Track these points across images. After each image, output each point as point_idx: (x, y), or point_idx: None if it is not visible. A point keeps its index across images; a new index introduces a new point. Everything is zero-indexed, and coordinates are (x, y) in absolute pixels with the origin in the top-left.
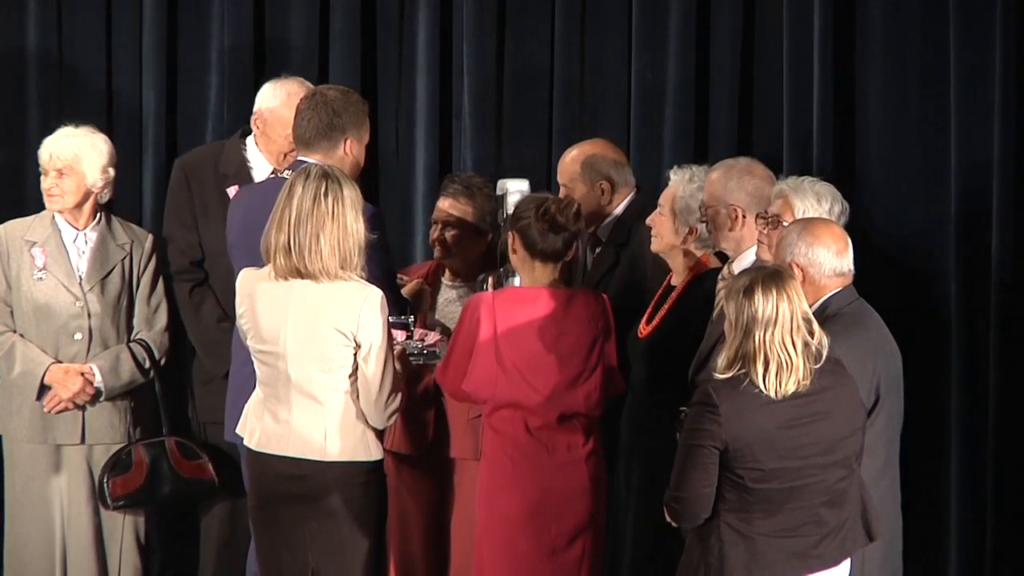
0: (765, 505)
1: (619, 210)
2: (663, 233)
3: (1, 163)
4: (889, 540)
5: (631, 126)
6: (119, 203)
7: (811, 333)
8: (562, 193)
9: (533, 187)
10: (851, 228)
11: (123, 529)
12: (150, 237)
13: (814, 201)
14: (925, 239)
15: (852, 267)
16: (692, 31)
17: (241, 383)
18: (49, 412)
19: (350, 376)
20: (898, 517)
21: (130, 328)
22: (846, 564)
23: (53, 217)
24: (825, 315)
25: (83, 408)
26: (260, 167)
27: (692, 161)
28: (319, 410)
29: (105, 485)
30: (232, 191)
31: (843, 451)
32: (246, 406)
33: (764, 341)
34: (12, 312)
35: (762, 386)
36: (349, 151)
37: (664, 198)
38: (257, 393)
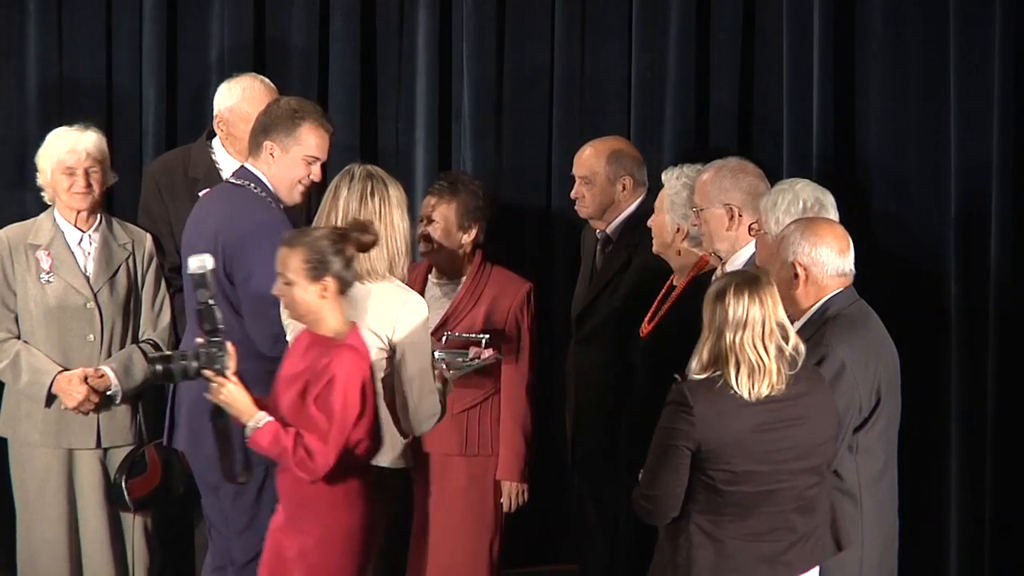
0: (736, 508)
1: (630, 210)
2: (658, 234)
3: (1, 163)
4: (887, 541)
5: (631, 127)
6: (119, 204)
7: (786, 339)
8: (577, 187)
9: (532, 185)
10: (851, 228)
11: (134, 529)
12: (149, 237)
13: (771, 205)
14: (925, 239)
15: (853, 267)
16: (692, 31)
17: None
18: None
19: (383, 380)
20: (895, 518)
21: (137, 327)
22: (815, 572)
23: (55, 219)
24: (826, 316)
25: (99, 408)
26: (229, 168)
27: (692, 161)
28: None
29: (123, 488)
30: (204, 195)
31: (816, 458)
32: None
33: (735, 343)
34: (16, 318)
35: (736, 387)
36: (271, 156)
37: (658, 200)
38: None
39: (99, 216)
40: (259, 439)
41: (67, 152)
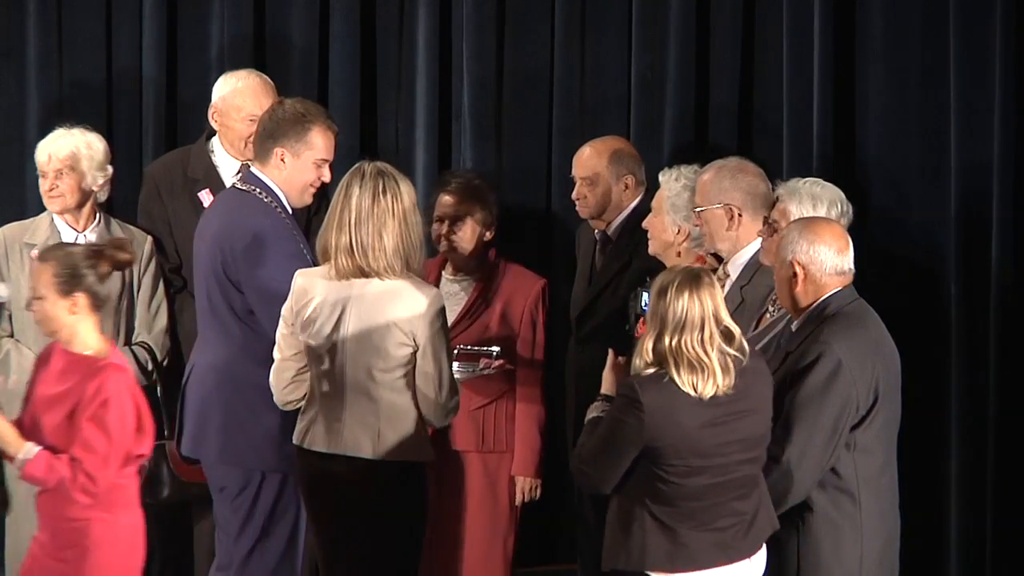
0: (687, 500)
1: (630, 209)
2: (657, 235)
3: (1, 163)
4: (888, 539)
5: (631, 127)
6: (118, 204)
7: (729, 338)
8: (578, 188)
9: (532, 185)
10: (851, 228)
11: None
12: (149, 239)
13: (809, 206)
14: (925, 239)
15: (852, 266)
16: (692, 31)
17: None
18: None
19: (407, 375)
20: (896, 517)
21: (130, 330)
22: (763, 553)
23: (52, 219)
24: (825, 314)
25: None
26: (228, 168)
27: (692, 161)
28: (373, 409)
29: None
30: (203, 195)
31: (760, 447)
32: (302, 407)
33: (674, 347)
34: (11, 316)
35: (680, 384)
36: (281, 162)
37: (656, 200)
38: (312, 391)
39: (97, 217)
40: (32, 470)
41: (40, 155)
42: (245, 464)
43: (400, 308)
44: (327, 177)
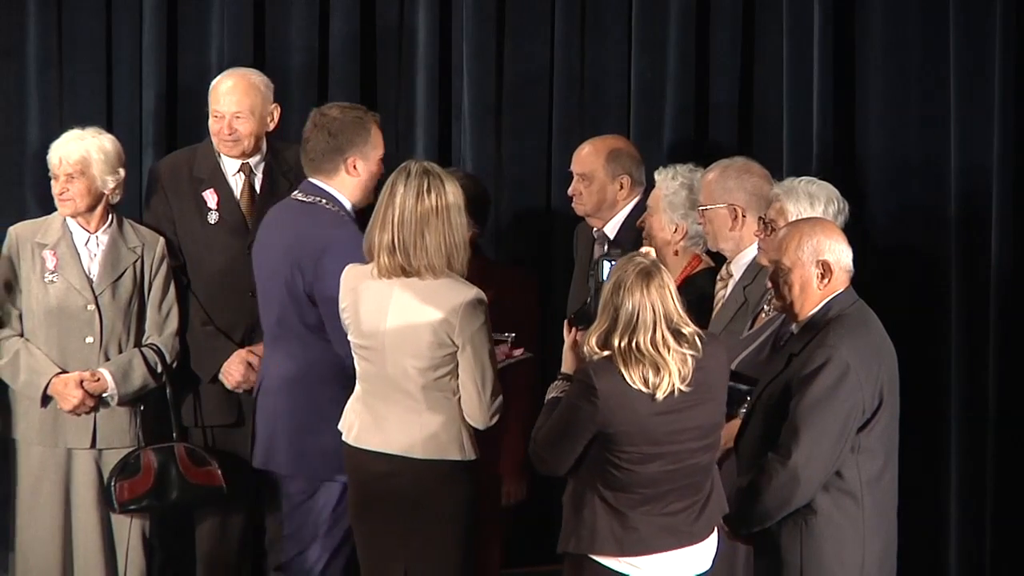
0: (643, 488)
1: (627, 209)
2: (653, 233)
3: (1, 163)
4: (887, 540)
5: (631, 126)
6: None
7: (679, 336)
8: (575, 184)
9: (532, 185)
10: (851, 228)
11: (130, 531)
12: (161, 241)
13: (807, 204)
14: (925, 239)
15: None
16: (692, 31)
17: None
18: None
19: (448, 374)
20: (895, 517)
21: (140, 332)
22: (714, 536)
23: (64, 220)
24: (828, 317)
25: (96, 410)
26: (233, 168)
27: (692, 161)
28: (416, 407)
29: (112, 489)
30: (208, 195)
31: (715, 434)
32: (348, 402)
33: (622, 347)
34: (21, 316)
35: (630, 383)
36: (354, 170)
37: (652, 199)
38: (357, 389)
39: (110, 217)
40: None
41: (52, 158)
42: (314, 474)
43: (440, 308)
44: (382, 169)
